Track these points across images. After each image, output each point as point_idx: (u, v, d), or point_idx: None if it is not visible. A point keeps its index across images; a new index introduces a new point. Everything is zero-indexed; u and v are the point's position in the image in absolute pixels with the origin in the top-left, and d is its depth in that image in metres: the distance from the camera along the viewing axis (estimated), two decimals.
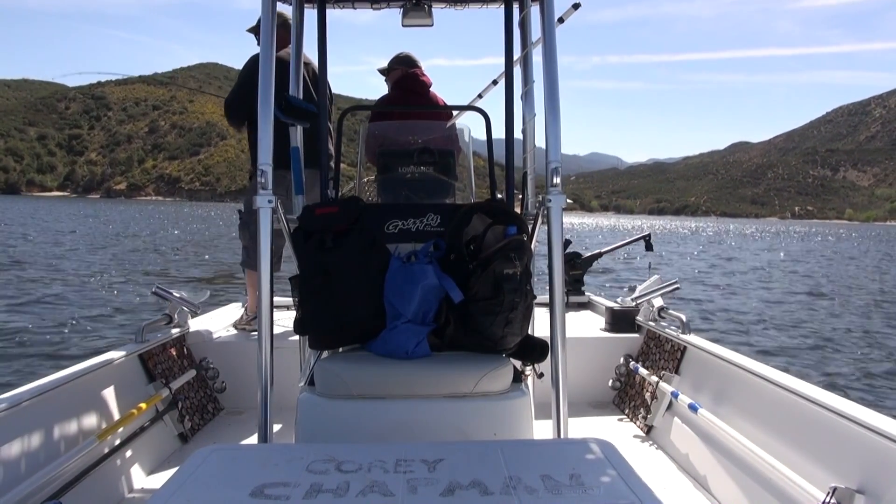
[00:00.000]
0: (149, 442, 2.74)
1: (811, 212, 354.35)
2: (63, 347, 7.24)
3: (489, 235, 2.07)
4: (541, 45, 2.12)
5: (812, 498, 1.95)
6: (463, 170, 2.95)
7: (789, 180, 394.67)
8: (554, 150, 1.99)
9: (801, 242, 53.76)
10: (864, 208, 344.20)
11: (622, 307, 3.86)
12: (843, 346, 9.16)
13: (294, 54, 2.65)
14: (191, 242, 26.51)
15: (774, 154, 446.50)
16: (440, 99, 3.94)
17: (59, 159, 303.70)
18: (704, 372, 2.95)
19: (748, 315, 11.68)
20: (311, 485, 1.28)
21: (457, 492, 1.26)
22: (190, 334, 3.42)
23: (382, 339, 2.03)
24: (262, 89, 1.99)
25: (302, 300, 2.06)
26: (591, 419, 3.42)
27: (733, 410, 2.62)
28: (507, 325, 1.96)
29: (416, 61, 3.87)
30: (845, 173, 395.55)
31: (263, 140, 1.97)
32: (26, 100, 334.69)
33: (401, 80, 3.82)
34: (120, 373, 2.69)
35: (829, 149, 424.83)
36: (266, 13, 2.12)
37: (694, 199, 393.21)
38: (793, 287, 17.03)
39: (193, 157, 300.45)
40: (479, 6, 2.71)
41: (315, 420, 1.96)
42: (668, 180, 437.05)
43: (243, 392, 3.44)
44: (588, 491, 1.26)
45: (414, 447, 1.48)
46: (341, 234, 2.07)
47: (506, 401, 1.94)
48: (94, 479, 2.27)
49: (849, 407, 2.04)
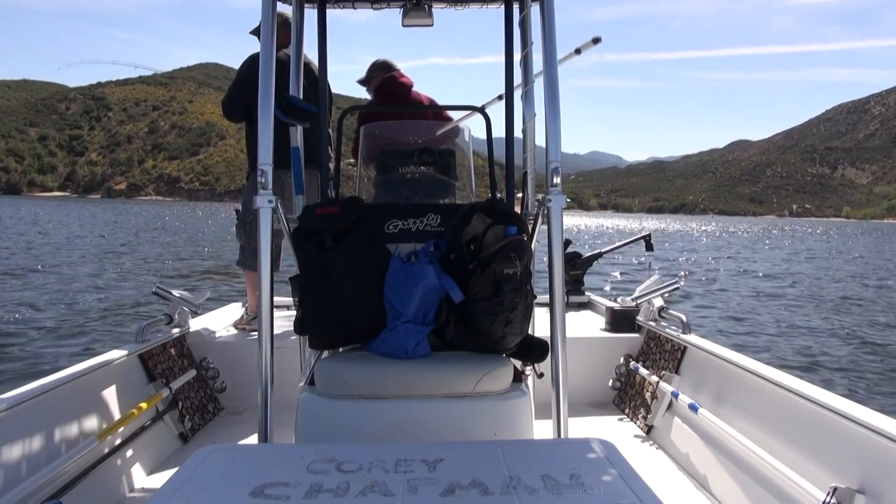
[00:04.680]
0: (149, 442, 2.74)
1: (809, 210, 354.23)
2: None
3: (489, 235, 2.08)
4: (541, 45, 2.12)
5: (812, 498, 1.95)
6: (463, 169, 2.95)
7: (788, 178, 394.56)
8: (554, 149, 1.99)
9: (819, 243, 49.33)
10: (862, 206, 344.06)
11: (622, 307, 3.85)
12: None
13: (294, 54, 2.64)
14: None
15: (774, 152, 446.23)
16: (424, 98, 4.01)
17: (60, 160, 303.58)
18: (705, 372, 2.96)
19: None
20: (312, 485, 1.28)
21: (457, 492, 1.26)
22: (190, 334, 3.42)
23: (382, 339, 2.03)
24: (263, 89, 1.99)
25: (302, 300, 2.07)
26: (592, 419, 3.42)
27: (734, 410, 2.62)
28: (508, 325, 1.96)
29: (393, 65, 3.95)
30: (844, 171, 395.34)
31: (263, 140, 1.97)
32: (27, 100, 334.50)
33: (381, 85, 3.89)
34: (120, 373, 2.69)
35: (827, 146, 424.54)
36: (266, 13, 2.11)
37: (692, 198, 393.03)
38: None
39: (193, 157, 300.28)
40: (480, 6, 2.71)
41: (315, 420, 1.96)
42: (667, 178, 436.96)
43: (243, 392, 3.44)
44: (588, 491, 1.26)
45: (414, 447, 1.48)
46: (341, 234, 2.07)
47: (506, 401, 1.94)
48: (94, 479, 2.28)
49: (849, 407, 2.04)
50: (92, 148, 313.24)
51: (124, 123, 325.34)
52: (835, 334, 9.90)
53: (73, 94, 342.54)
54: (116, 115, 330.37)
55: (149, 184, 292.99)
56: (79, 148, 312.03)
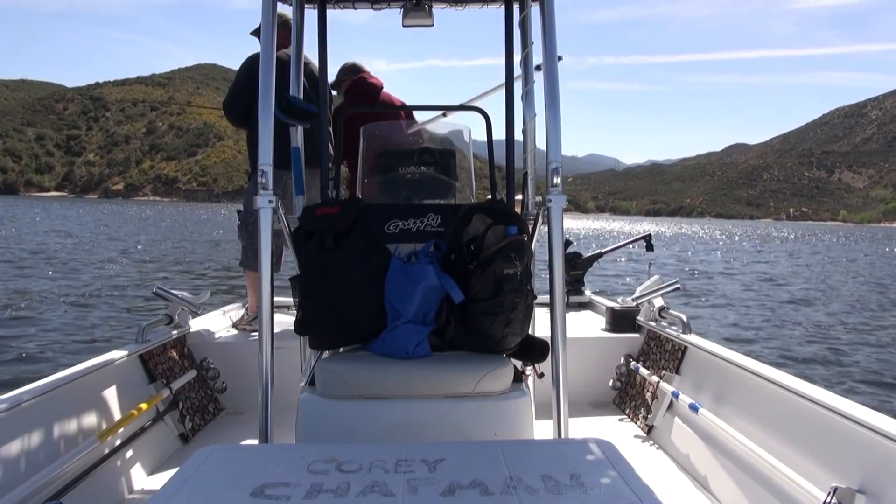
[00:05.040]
0: (149, 442, 2.73)
1: (806, 213, 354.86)
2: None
3: (490, 235, 2.07)
4: (541, 45, 2.12)
5: (813, 498, 1.95)
6: (462, 171, 2.95)
7: (785, 182, 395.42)
8: (554, 150, 2.00)
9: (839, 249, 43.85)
10: (859, 210, 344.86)
11: (623, 307, 3.85)
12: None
13: (294, 55, 2.64)
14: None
15: (771, 156, 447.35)
16: (395, 98, 4.13)
17: (58, 160, 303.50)
18: (705, 372, 2.96)
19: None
20: (312, 485, 1.28)
21: (457, 492, 1.26)
22: (191, 335, 3.41)
23: (383, 340, 2.03)
24: (263, 90, 1.99)
25: (302, 300, 2.06)
26: (592, 419, 3.42)
27: (734, 410, 2.62)
28: (508, 325, 1.96)
29: (362, 67, 4.07)
30: (840, 175, 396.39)
31: (264, 140, 1.97)
32: (24, 100, 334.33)
33: (350, 87, 4.00)
34: (121, 373, 2.68)
35: (825, 150, 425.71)
36: (267, 14, 2.11)
37: (689, 201, 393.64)
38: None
39: (191, 157, 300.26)
40: (480, 6, 2.70)
41: (315, 420, 1.96)
42: (664, 182, 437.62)
43: (244, 392, 3.43)
44: (588, 491, 1.26)
45: (414, 447, 1.48)
46: (342, 235, 2.07)
47: (506, 401, 1.94)
48: (94, 480, 2.27)
49: (849, 407, 2.04)
50: (89, 148, 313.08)
51: (122, 124, 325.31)
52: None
53: (70, 94, 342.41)
54: (114, 116, 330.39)
55: (146, 184, 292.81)
56: (76, 148, 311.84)
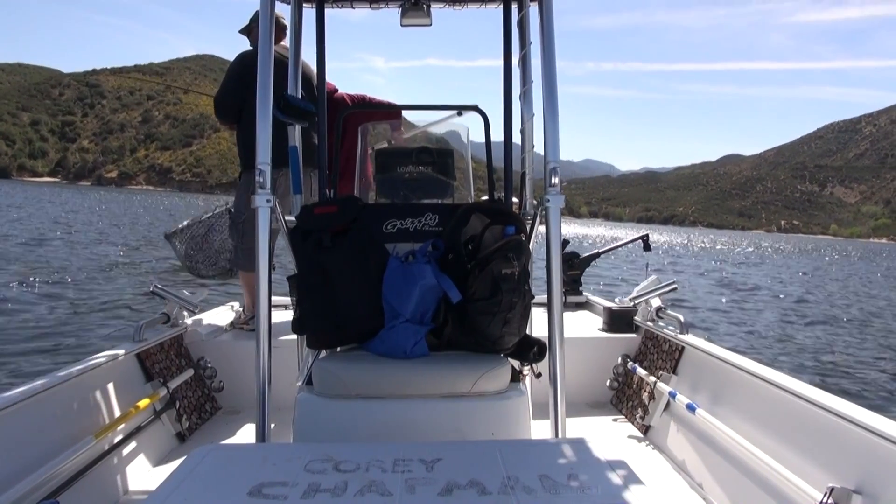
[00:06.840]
0: (146, 441, 2.71)
1: (797, 226, 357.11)
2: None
3: (487, 235, 2.08)
4: (539, 45, 2.12)
5: (809, 498, 1.95)
6: (460, 171, 2.95)
7: (777, 194, 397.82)
8: (552, 150, 2.00)
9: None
10: (849, 224, 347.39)
11: (620, 307, 3.85)
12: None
13: (293, 54, 2.62)
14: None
15: (765, 167, 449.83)
16: (346, 97, 4.10)
17: (52, 145, 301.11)
18: (702, 372, 2.96)
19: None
20: (309, 484, 1.27)
21: (455, 491, 1.26)
22: (188, 333, 3.39)
23: (380, 339, 2.03)
24: (261, 89, 1.97)
25: (300, 299, 2.05)
26: (589, 419, 3.41)
27: (731, 410, 2.62)
28: (506, 324, 1.96)
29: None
30: (832, 189, 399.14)
31: (262, 139, 1.95)
32: (20, 84, 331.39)
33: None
34: (117, 372, 2.66)
35: (818, 164, 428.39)
36: (265, 13, 2.10)
37: (682, 210, 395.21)
38: None
39: (186, 148, 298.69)
40: (478, 6, 2.70)
41: (313, 419, 1.95)
42: (658, 189, 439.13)
43: (241, 391, 3.41)
44: (586, 491, 1.27)
45: (412, 447, 1.48)
46: (340, 234, 2.07)
47: (504, 401, 1.94)
48: (91, 479, 2.24)
49: (846, 407, 2.05)
50: (84, 135, 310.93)
51: (118, 112, 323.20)
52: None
53: (67, 80, 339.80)
54: (110, 103, 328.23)
55: (140, 173, 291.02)
56: (71, 134, 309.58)
